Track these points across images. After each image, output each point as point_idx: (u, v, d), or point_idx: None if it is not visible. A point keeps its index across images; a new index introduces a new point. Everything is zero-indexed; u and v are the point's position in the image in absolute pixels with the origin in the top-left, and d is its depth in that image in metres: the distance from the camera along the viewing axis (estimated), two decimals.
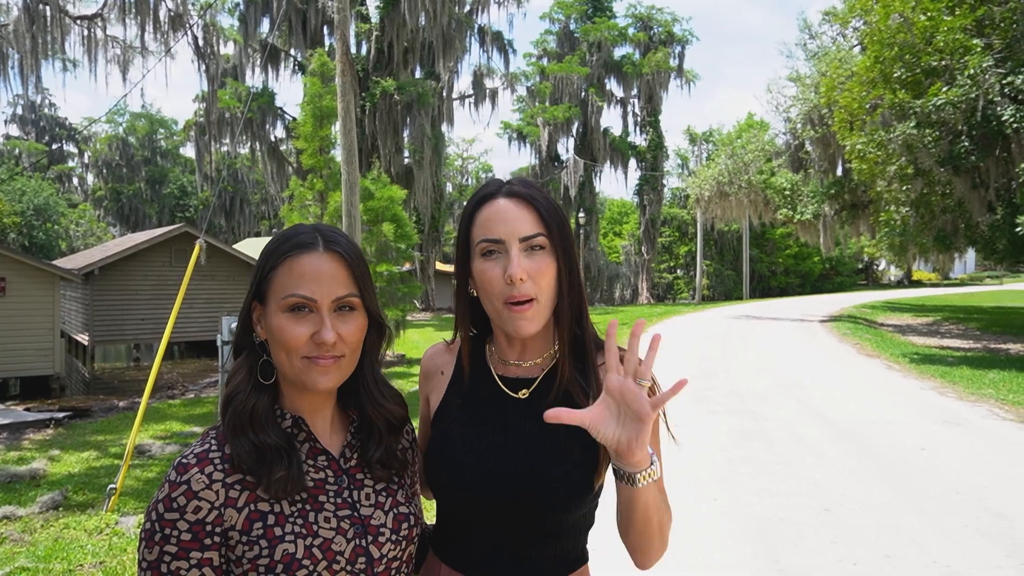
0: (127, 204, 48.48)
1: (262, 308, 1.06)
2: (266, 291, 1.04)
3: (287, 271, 1.02)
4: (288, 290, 1.02)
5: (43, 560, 4.22)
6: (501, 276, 1.10)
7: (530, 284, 1.10)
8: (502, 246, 1.11)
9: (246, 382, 1.05)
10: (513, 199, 1.13)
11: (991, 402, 8.36)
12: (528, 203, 1.13)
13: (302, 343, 1.01)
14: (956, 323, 20.25)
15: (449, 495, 1.18)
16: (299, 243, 1.04)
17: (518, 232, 1.11)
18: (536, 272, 1.11)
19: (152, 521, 0.96)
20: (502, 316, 1.13)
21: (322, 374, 1.02)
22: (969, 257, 37.04)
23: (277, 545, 0.97)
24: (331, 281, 1.03)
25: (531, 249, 1.11)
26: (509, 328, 1.13)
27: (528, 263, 1.11)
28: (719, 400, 8.53)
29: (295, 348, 1.01)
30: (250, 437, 1.00)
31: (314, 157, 13.50)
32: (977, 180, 12.55)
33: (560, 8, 36.83)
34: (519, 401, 1.18)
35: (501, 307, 1.12)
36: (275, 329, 1.02)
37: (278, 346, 1.02)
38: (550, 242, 1.12)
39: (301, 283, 1.01)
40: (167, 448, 7.55)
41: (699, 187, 26.09)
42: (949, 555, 3.93)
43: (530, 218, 1.12)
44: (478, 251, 1.13)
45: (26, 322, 14.51)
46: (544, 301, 1.12)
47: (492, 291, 1.12)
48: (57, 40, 21.19)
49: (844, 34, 19.17)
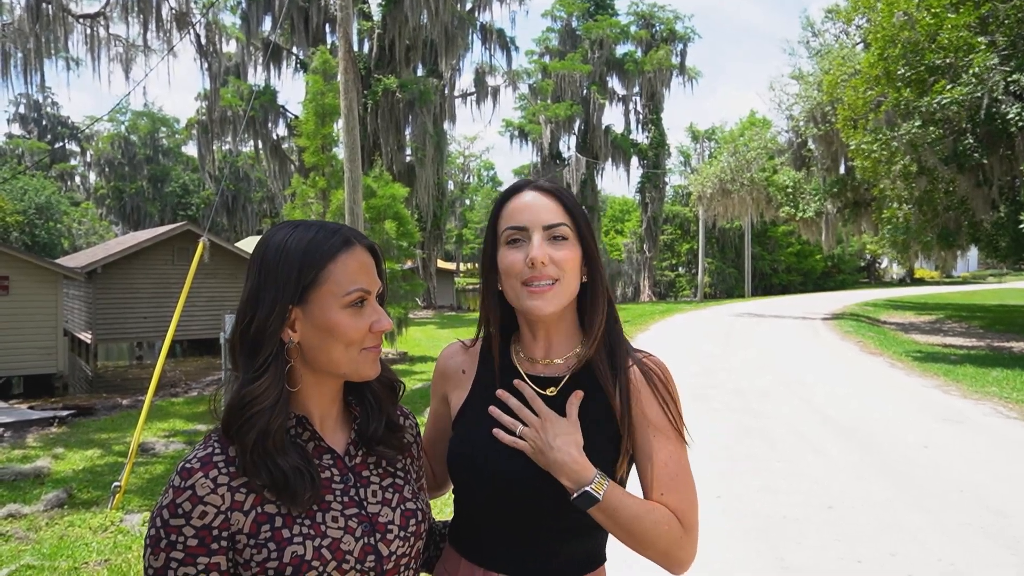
0: (129, 202, 48.52)
1: (299, 310, 1.03)
2: (311, 293, 1.02)
3: (343, 268, 1.03)
4: (348, 285, 1.03)
5: (48, 558, 4.23)
6: (523, 260, 1.13)
7: (552, 268, 1.13)
8: (526, 233, 1.14)
9: (275, 399, 1.00)
10: (539, 191, 1.18)
11: (994, 400, 8.35)
12: (553, 196, 1.17)
13: (363, 335, 1.04)
14: (959, 321, 20.21)
15: (467, 491, 1.19)
16: (345, 240, 1.05)
17: (541, 220, 1.14)
18: (559, 258, 1.13)
19: (157, 527, 0.95)
20: (520, 296, 1.15)
21: (373, 363, 1.08)
22: (972, 255, 36.93)
23: (286, 547, 0.97)
24: (374, 275, 1.08)
25: (554, 239, 1.14)
26: (526, 306, 1.14)
27: (551, 250, 1.13)
28: (721, 398, 8.52)
29: (358, 341, 1.04)
30: (276, 461, 0.98)
31: (316, 155, 13.51)
32: (981, 178, 12.53)
33: (562, 6, 36.77)
34: (547, 399, 1.18)
35: (520, 288, 1.14)
36: (337, 325, 1.02)
37: (335, 342, 1.03)
38: (574, 233, 1.16)
39: (359, 278, 1.04)
40: (171, 446, 7.57)
41: (701, 185, 26.06)
42: (952, 553, 3.93)
43: (554, 208, 1.16)
44: (504, 240, 1.17)
45: (29, 320, 14.53)
46: (565, 284, 1.14)
47: (513, 273, 1.14)
48: (60, 39, 21.22)
49: (847, 32, 19.13)
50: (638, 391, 1.16)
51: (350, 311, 1.03)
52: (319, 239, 1.04)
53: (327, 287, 1.02)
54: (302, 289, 1.02)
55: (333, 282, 1.02)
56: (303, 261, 1.02)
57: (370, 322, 1.04)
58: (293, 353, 1.04)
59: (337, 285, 1.02)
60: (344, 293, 1.02)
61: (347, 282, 1.03)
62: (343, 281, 1.02)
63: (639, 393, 1.16)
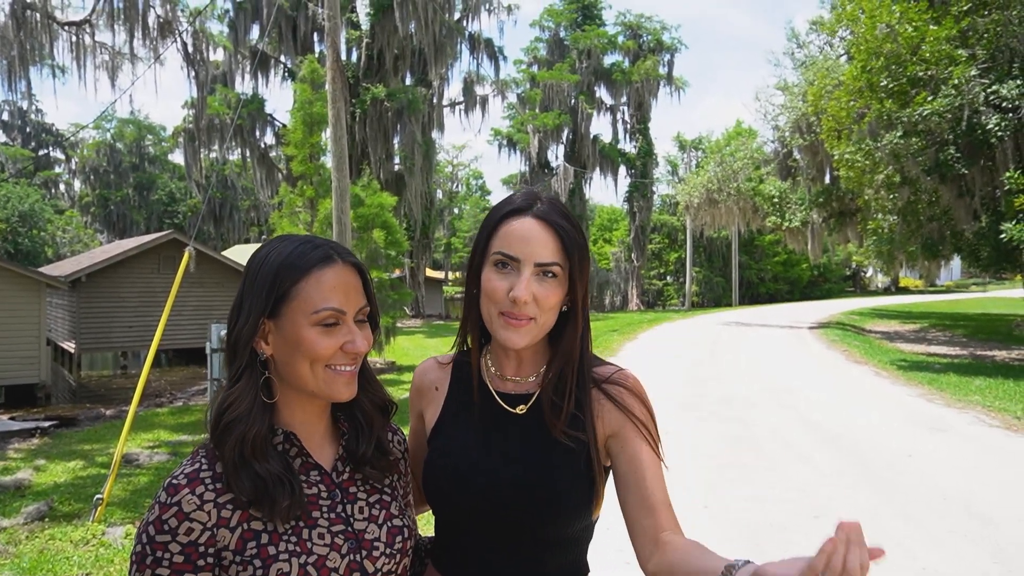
0: (114, 211, 48.16)
1: (272, 323, 1.02)
2: (283, 307, 1.01)
3: (315, 285, 1.01)
4: (320, 303, 1.00)
5: (28, 572, 4.16)
6: (506, 291, 1.10)
7: (532, 306, 1.10)
8: (516, 264, 1.11)
9: (249, 406, 1.01)
10: (540, 222, 1.12)
11: (977, 409, 8.43)
12: (554, 231, 1.12)
13: (331, 354, 1.02)
14: (943, 330, 20.42)
15: (448, 503, 1.18)
16: (323, 256, 1.03)
17: (536, 256, 1.10)
18: (542, 297, 1.10)
19: (143, 544, 0.95)
20: (495, 324, 1.13)
21: (347, 384, 1.04)
22: (955, 264, 37.41)
23: (272, 564, 0.96)
24: (355, 294, 1.05)
25: (543, 275, 1.11)
26: (499, 336, 1.13)
27: (536, 287, 1.10)
28: (708, 407, 8.55)
29: (324, 359, 1.01)
30: (255, 468, 0.98)
31: (304, 164, 13.49)
32: (963, 188, 12.70)
33: (550, 16, 37.05)
34: (517, 416, 1.18)
35: (496, 316, 1.12)
36: (303, 341, 1.00)
37: (302, 358, 1.01)
38: (564, 272, 1.12)
39: (331, 296, 1.01)
40: (155, 457, 7.48)
41: (688, 194, 26.25)
42: (937, 560, 3.96)
43: (552, 245, 1.11)
44: (491, 260, 1.13)
45: (11, 330, 14.35)
46: (541, 323, 1.13)
47: (493, 299, 1.12)
48: (45, 46, 21.09)
49: (831, 43, 19.38)
50: (602, 407, 1.16)
51: (320, 329, 1.01)
52: (297, 253, 1.03)
53: (297, 303, 1.01)
54: (273, 302, 1.01)
55: (303, 298, 1.01)
56: (277, 275, 1.01)
57: (342, 342, 1.02)
58: (269, 366, 1.04)
59: (307, 302, 1.01)
60: (313, 311, 1.00)
61: (319, 300, 1.01)
62: (315, 298, 1.01)
63: (603, 409, 1.15)
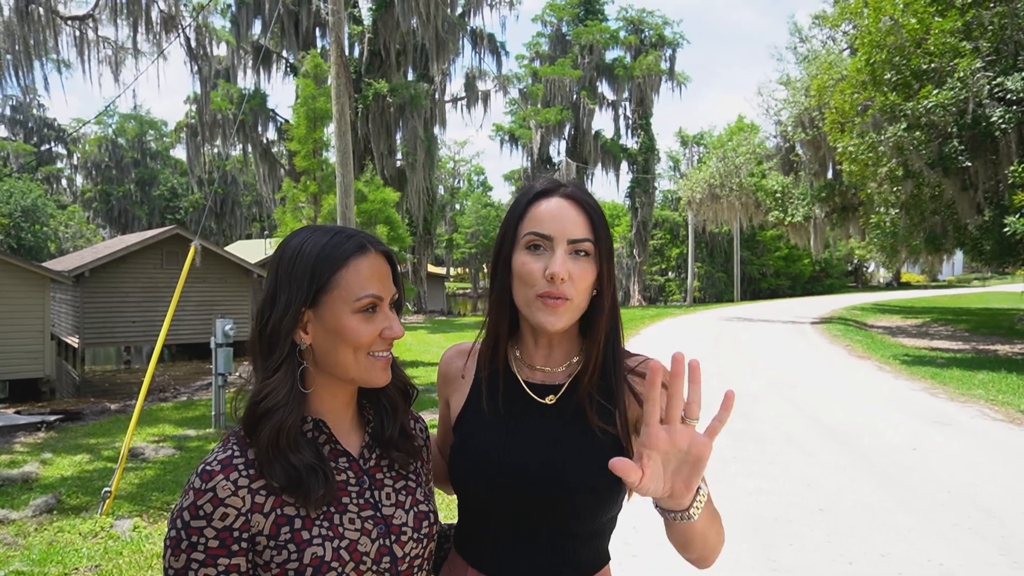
0: (117, 206, 48.21)
1: (311, 313, 1.04)
2: (323, 296, 1.04)
3: (354, 274, 1.04)
4: (359, 291, 1.03)
5: (38, 564, 4.19)
6: (542, 271, 1.11)
7: (569, 285, 1.11)
8: (549, 243, 1.12)
9: (287, 396, 1.02)
10: (569, 200, 1.14)
11: (981, 403, 8.44)
12: (582, 208, 1.14)
13: (372, 340, 1.04)
14: (945, 324, 20.41)
15: (473, 487, 1.18)
16: (359, 246, 1.06)
17: (568, 233, 1.11)
18: (577, 276, 1.11)
19: (178, 529, 0.96)
20: (532, 307, 1.13)
21: (383, 369, 1.07)
22: (957, 259, 37.32)
23: (306, 549, 0.98)
24: (388, 281, 1.08)
25: (576, 253, 1.12)
26: (538, 319, 1.13)
27: (571, 265, 1.11)
28: (711, 402, 8.55)
29: (366, 346, 1.04)
30: (289, 457, 1.00)
31: (307, 159, 13.48)
32: (967, 181, 12.67)
33: (552, 11, 36.96)
34: (546, 406, 1.18)
35: (533, 299, 1.12)
36: (345, 329, 1.03)
37: (345, 346, 1.03)
38: (595, 250, 1.13)
39: (370, 283, 1.04)
40: (161, 451, 7.51)
41: (690, 189, 26.21)
42: (942, 553, 3.97)
43: (582, 222, 1.13)
44: (523, 243, 1.13)
45: (15, 324, 14.39)
46: (577, 303, 1.13)
47: (529, 283, 1.12)
48: (48, 41, 21.08)
49: (834, 38, 19.33)
50: (631, 397, 1.16)
51: (361, 316, 1.04)
52: (334, 243, 1.05)
53: (339, 292, 1.03)
54: (314, 292, 1.03)
55: (344, 287, 1.03)
56: (316, 265, 1.03)
57: (381, 328, 1.05)
58: (306, 355, 1.06)
59: (348, 290, 1.03)
60: (355, 298, 1.03)
61: (358, 288, 1.03)
62: (354, 286, 1.03)
63: (633, 399, 1.16)
